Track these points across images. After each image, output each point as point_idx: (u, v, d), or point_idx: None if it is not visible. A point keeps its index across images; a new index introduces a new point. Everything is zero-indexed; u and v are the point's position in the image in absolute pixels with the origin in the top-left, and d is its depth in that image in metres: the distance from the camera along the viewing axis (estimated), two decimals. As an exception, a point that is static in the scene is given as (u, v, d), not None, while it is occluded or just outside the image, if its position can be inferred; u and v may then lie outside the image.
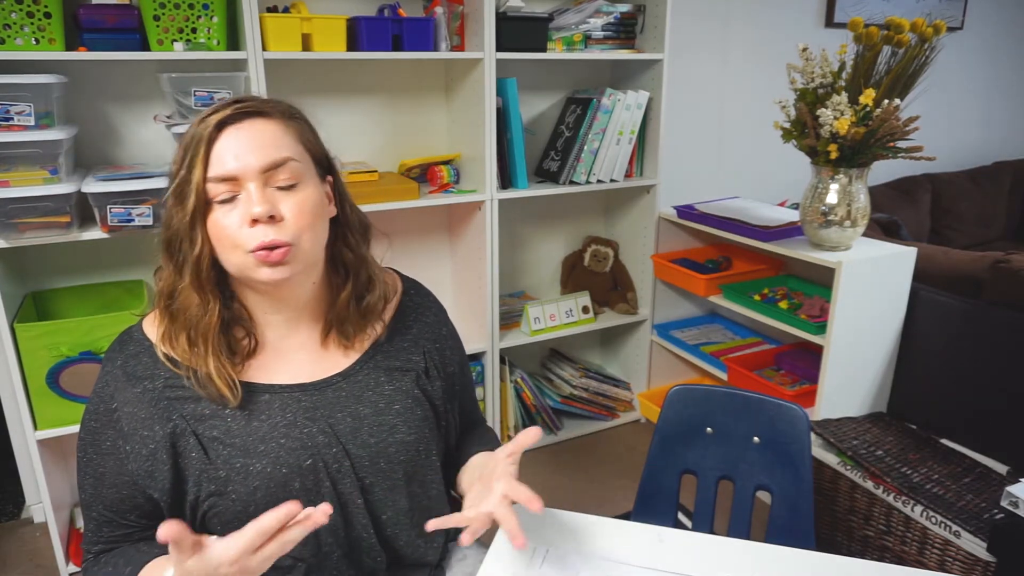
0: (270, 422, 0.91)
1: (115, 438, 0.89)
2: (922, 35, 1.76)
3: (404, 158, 2.30)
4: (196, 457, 0.88)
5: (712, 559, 0.98)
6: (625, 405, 2.74)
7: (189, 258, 0.87)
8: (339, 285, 0.98)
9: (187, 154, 0.85)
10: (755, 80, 2.96)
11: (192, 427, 0.88)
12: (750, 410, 1.32)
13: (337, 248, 0.97)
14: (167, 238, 0.88)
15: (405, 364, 1.01)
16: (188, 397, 0.90)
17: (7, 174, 1.63)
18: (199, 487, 0.88)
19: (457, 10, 2.13)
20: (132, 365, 0.91)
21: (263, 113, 0.88)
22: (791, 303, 2.24)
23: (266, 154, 0.86)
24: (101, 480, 0.91)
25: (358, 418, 0.95)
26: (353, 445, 0.94)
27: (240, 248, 0.85)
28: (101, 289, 2.01)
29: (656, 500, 1.36)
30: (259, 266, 0.86)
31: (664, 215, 2.54)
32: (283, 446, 0.90)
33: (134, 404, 0.89)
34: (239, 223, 0.85)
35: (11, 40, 1.63)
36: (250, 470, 0.88)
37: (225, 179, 0.85)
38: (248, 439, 0.89)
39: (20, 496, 2.19)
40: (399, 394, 0.99)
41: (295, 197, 0.87)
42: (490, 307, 2.33)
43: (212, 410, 0.90)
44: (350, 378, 0.97)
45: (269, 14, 1.84)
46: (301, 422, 0.92)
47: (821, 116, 1.80)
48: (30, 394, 1.77)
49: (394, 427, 0.96)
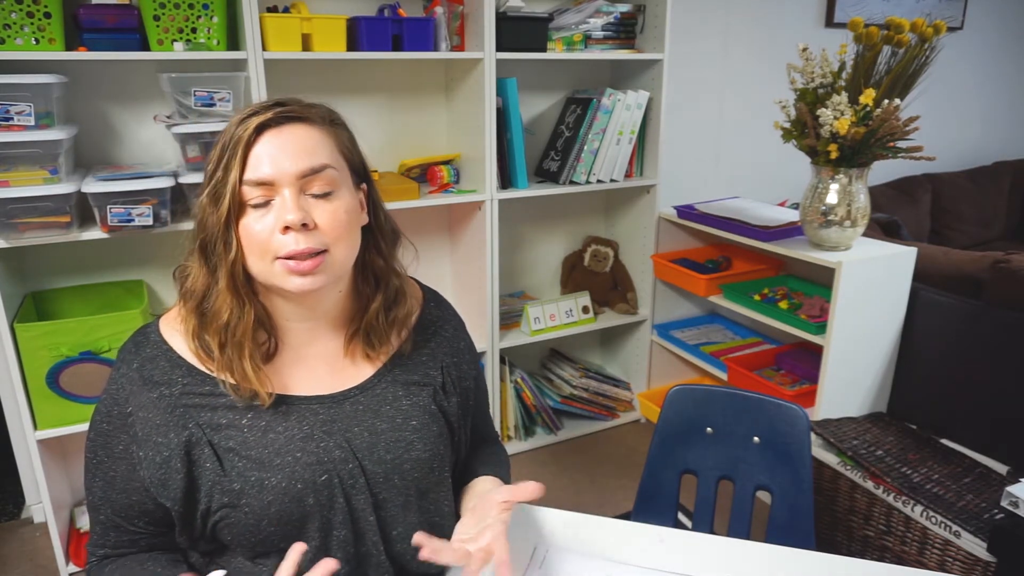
0: (287, 435, 0.89)
1: (128, 443, 0.87)
2: (922, 35, 1.76)
3: (404, 158, 2.30)
4: (210, 468, 0.86)
5: (712, 559, 0.98)
6: (625, 405, 2.74)
7: (224, 261, 0.85)
8: (368, 295, 0.96)
9: (224, 155, 0.84)
10: (755, 80, 2.96)
11: (208, 436, 0.87)
12: (750, 410, 1.32)
13: (368, 256, 0.95)
14: (202, 239, 0.87)
15: (423, 379, 1.00)
16: (205, 405, 0.88)
17: (7, 174, 1.63)
18: (211, 498, 0.86)
19: (457, 10, 2.13)
20: (149, 369, 0.88)
21: (304, 118, 0.87)
22: (791, 303, 2.24)
23: (304, 160, 0.84)
24: (111, 484, 0.89)
25: (375, 433, 0.93)
26: (369, 461, 0.92)
27: (269, 254, 0.84)
28: (101, 289, 2.01)
29: (656, 500, 1.36)
30: (289, 275, 0.84)
31: (664, 215, 2.54)
32: (299, 460, 0.88)
33: (149, 409, 0.87)
34: (271, 229, 0.84)
35: (11, 40, 1.63)
36: (265, 484, 0.86)
37: (260, 183, 0.83)
38: (264, 452, 0.87)
39: (20, 496, 2.19)
40: (416, 409, 0.97)
41: (330, 205, 0.86)
42: (490, 307, 2.33)
43: (228, 420, 0.88)
44: (368, 391, 0.95)
45: (269, 14, 1.84)
46: (318, 435, 0.90)
47: (821, 116, 1.80)
48: (30, 394, 1.77)
49: (411, 443, 0.95)
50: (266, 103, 0.87)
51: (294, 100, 0.89)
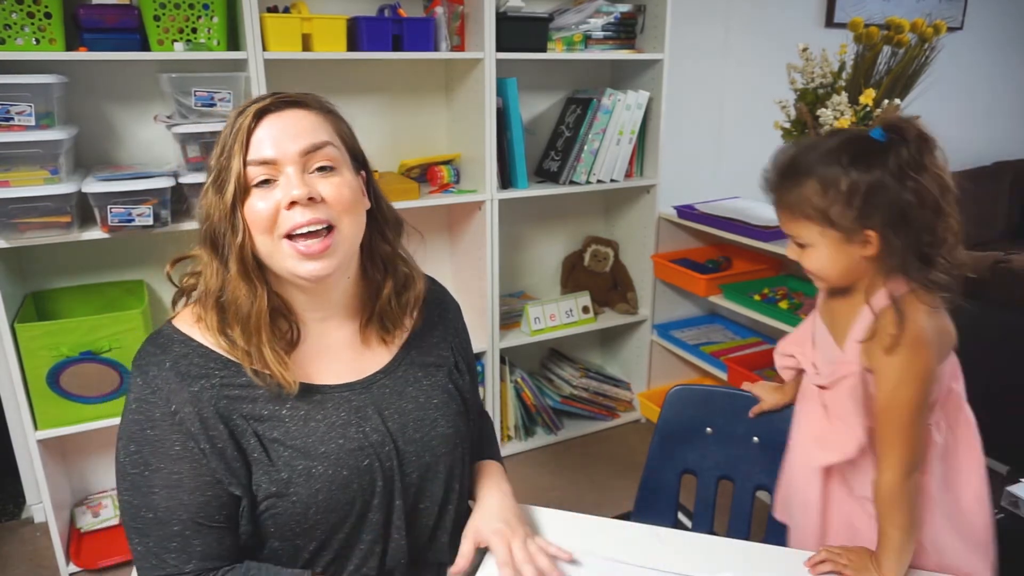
0: (326, 423, 0.91)
1: (184, 440, 0.85)
2: (922, 35, 1.76)
3: (404, 158, 2.30)
4: (257, 458, 0.86)
5: (712, 559, 0.98)
6: (625, 405, 2.74)
7: (233, 247, 0.86)
8: (378, 281, 0.98)
9: (226, 145, 0.86)
10: (755, 80, 2.95)
11: (252, 427, 0.87)
12: (749, 410, 1.32)
13: (374, 243, 0.97)
14: (209, 231, 0.87)
15: (437, 359, 1.03)
16: (245, 397, 0.88)
17: (7, 174, 1.63)
18: (259, 487, 0.86)
19: (457, 10, 2.13)
20: (184, 365, 0.87)
21: (302, 103, 0.89)
22: (791, 303, 2.24)
23: (305, 139, 0.87)
24: (178, 487, 0.84)
25: (404, 414, 0.96)
26: (402, 441, 0.94)
27: (277, 231, 0.85)
28: (101, 289, 2.01)
29: (656, 500, 1.36)
30: (300, 260, 0.86)
31: (664, 215, 2.54)
32: (342, 447, 0.90)
33: (195, 404, 0.85)
34: (277, 206, 0.85)
35: (11, 40, 1.63)
36: (312, 472, 0.87)
37: (264, 162, 0.85)
38: (308, 440, 0.89)
39: (20, 496, 2.19)
40: (436, 389, 1.00)
41: (333, 180, 0.88)
42: (490, 307, 2.33)
43: (269, 411, 0.89)
44: (391, 374, 0.98)
45: (269, 14, 1.84)
46: (355, 421, 0.92)
47: (821, 116, 1.80)
48: (30, 394, 1.77)
49: (435, 421, 0.97)
50: (262, 95, 0.89)
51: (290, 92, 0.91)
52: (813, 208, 0.99)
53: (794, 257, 1.06)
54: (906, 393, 0.96)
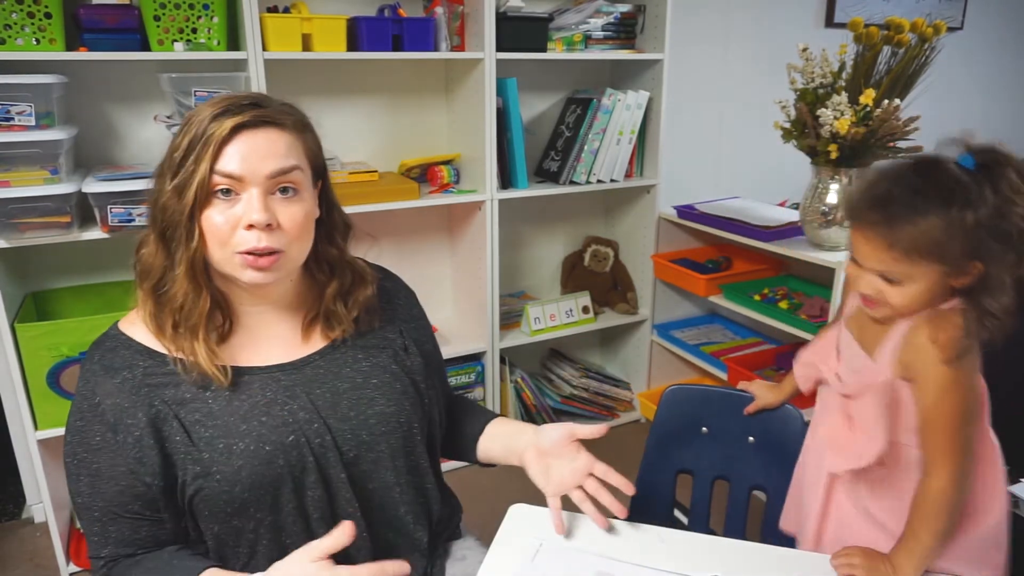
0: (251, 401, 0.93)
1: (103, 431, 0.90)
2: (922, 35, 1.76)
3: (404, 158, 2.30)
4: (180, 440, 0.89)
5: (710, 559, 0.98)
6: (625, 405, 2.74)
7: (186, 250, 0.88)
8: (323, 282, 1.01)
9: (195, 146, 0.86)
10: (755, 80, 2.95)
11: (174, 411, 0.90)
12: (744, 409, 1.32)
13: (322, 247, 0.99)
14: (161, 225, 0.89)
15: (381, 342, 1.04)
16: (168, 383, 0.91)
17: (7, 174, 1.64)
18: (184, 470, 0.89)
19: (457, 10, 2.14)
20: (109, 358, 0.92)
21: (279, 124, 0.90)
22: (791, 303, 2.24)
23: (275, 162, 0.88)
24: (98, 476, 0.90)
25: (336, 393, 0.97)
26: (333, 419, 0.96)
27: (230, 247, 0.88)
28: (101, 289, 2.02)
29: (652, 500, 1.36)
30: (245, 268, 0.89)
31: (664, 215, 2.54)
32: (265, 424, 0.92)
33: (115, 395, 0.90)
34: (235, 223, 0.87)
35: (11, 40, 1.63)
36: (233, 449, 0.89)
37: (230, 176, 0.87)
38: (229, 419, 0.91)
39: (20, 496, 2.20)
40: (376, 369, 1.01)
41: (294, 207, 0.90)
42: (490, 307, 2.33)
43: (193, 393, 0.91)
44: (327, 356, 1.00)
45: (269, 14, 1.85)
46: (281, 400, 0.94)
47: (821, 116, 1.80)
48: (30, 394, 1.77)
49: (372, 399, 0.99)
50: (242, 100, 0.89)
51: (268, 100, 0.92)
52: (933, 245, 0.92)
53: (869, 292, 0.98)
54: (953, 399, 0.96)
